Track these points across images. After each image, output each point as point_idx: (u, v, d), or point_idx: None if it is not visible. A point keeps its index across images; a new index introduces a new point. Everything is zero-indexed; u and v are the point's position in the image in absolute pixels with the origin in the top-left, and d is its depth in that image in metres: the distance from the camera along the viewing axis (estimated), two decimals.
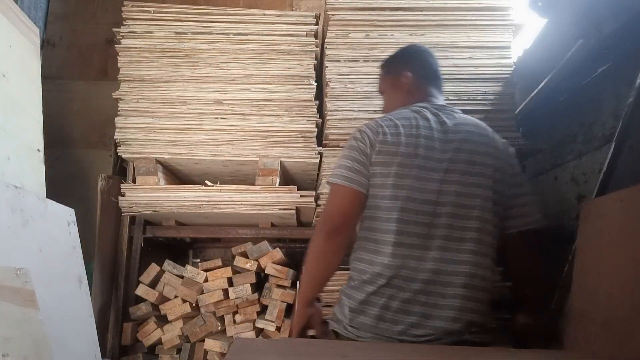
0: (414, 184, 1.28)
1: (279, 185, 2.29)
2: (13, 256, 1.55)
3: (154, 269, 2.36)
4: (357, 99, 2.30)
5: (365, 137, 1.34)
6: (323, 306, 1.41)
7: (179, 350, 2.35)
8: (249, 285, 2.27)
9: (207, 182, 2.33)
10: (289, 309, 2.28)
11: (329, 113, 2.29)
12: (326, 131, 2.30)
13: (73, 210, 2.04)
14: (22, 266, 1.57)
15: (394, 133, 1.32)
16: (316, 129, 2.33)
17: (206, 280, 2.30)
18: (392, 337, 1.21)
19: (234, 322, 2.29)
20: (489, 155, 1.37)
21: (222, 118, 2.31)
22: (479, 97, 2.33)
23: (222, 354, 2.23)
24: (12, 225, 1.58)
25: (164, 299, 2.35)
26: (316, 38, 2.41)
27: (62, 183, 2.58)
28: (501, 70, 2.36)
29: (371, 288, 1.25)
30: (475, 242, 1.29)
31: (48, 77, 2.63)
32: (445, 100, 2.30)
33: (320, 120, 2.35)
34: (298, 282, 1.44)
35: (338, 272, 1.39)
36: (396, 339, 1.21)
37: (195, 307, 2.32)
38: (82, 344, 1.86)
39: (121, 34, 2.36)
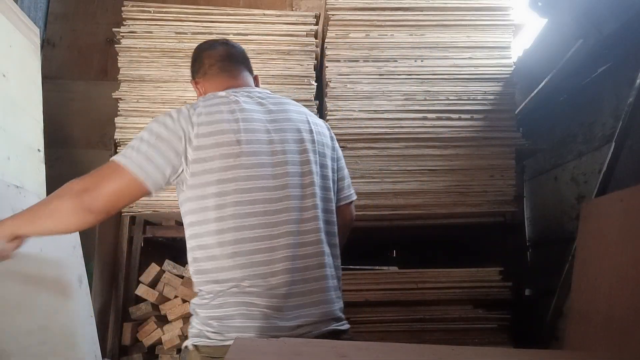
0: (242, 173, 1.14)
1: None
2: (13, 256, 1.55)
3: (154, 269, 2.36)
4: (357, 99, 2.30)
5: (179, 128, 1.14)
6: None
7: (179, 350, 2.35)
8: None
9: None
10: None
11: (329, 113, 2.29)
12: None
13: None
14: (21, 266, 1.58)
15: (209, 122, 1.15)
16: None
17: None
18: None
19: None
20: (319, 134, 1.32)
21: None
22: (479, 97, 2.33)
23: None
24: None
25: (164, 299, 2.35)
26: (316, 38, 2.41)
27: (62, 183, 2.57)
28: (501, 70, 2.35)
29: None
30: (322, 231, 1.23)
31: (48, 77, 2.62)
32: (445, 100, 2.32)
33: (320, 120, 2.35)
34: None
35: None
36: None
37: None
38: (82, 344, 1.86)
39: (121, 34, 2.36)
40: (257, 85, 1.49)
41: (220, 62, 1.40)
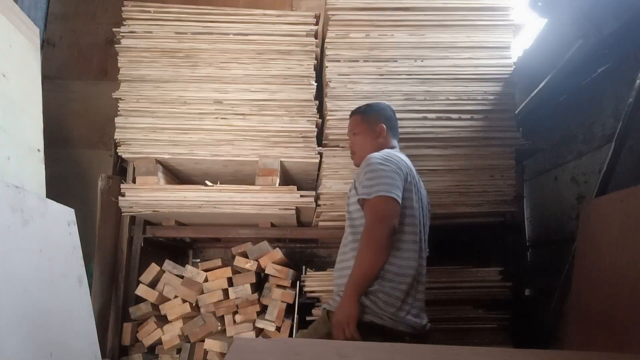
0: (417, 213, 1.68)
1: (279, 185, 2.29)
2: (13, 256, 1.55)
3: (154, 269, 2.36)
4: (357, 99, 2.30)
5: (399, 169, 1.65)
6: None
7: (179, 350, 2.35)
8: (249, 285, 2.27)
9: (207, 182, 2.33)
10: (289, 309, 2.28)
11: (329, 113, 2.29)
12: (326, 131, 2.30)
13: (73, 210, 2.04)
14: (22, 266, 1.58)
15: (409, 173, 1.68)
16: (316, 129, 2.33)
17: (206, 280, 2.30)
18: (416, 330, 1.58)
19: (234, 322, 2.29)
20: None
21: (222, 118, 2.31)
22: (479, 97, 2.33)
23: (222, 354, 2.23)
24: (12, 225, 1.58)
25: (164, 299, 2.35)
26: (316, 38, 2.41)
27: (62, 183, 2.58)
28: (501, 70, 2.35)
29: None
30: None
31: (48, 77, 2.62)
32: (445, 100, 2.33)
33: (320, 120, 2.35)
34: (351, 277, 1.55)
35: None
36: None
37: (195, 307, 2.32)
38: (82, 344, 1.86)
39: (121, 34, 2.36)
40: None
41: (393, 125, 1.87)
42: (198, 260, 2.85)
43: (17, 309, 1.52)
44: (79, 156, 2.84)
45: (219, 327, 2.32)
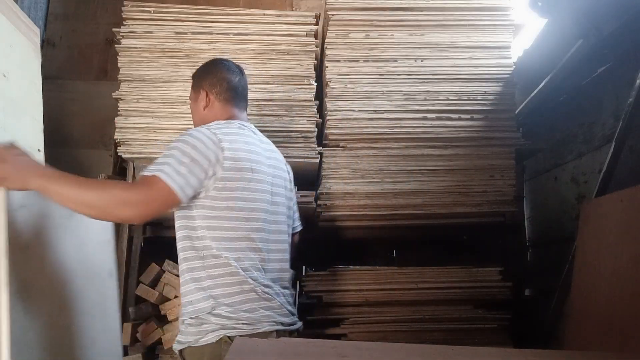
0: (252, 196, 1.44)
1: None
2: (61, 247, 1.65)
3: (154, 269, 2.36)
4: (357, 99, 2.30)
5: (210, 152, 1.37)
6: None
7: (179, 351, 2.34)
8: None
9: None
10: None
11: (329, 113, 2.29)
12: (326, 131, 2.30)
13: None
14: (58, 260, 1.61)
15: (234, 149, 1.41)
16: (316, 129, 2.33)
17: None
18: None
19: None
20: (289, 173, 1.73)
21: None
22: (479, 97, 2.33)
23: None
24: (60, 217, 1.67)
25: (164, 299, 2.35)
26: (316, 38, 2.41)
27: None
28: (501, 70, 2.35)
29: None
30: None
31: (48, 77, 2.62)
32: (445, 100, 2.32)
33: (320, 120, 2.35)
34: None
35: None
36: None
37: None
38: (107, 339, 1.89)
39: (121, 34, 2.35)
40: None
41: (232, 92, 1.60)
42: None
43: (60, 299, 1.61)
44: (79, 156, 2.84)
45: None
